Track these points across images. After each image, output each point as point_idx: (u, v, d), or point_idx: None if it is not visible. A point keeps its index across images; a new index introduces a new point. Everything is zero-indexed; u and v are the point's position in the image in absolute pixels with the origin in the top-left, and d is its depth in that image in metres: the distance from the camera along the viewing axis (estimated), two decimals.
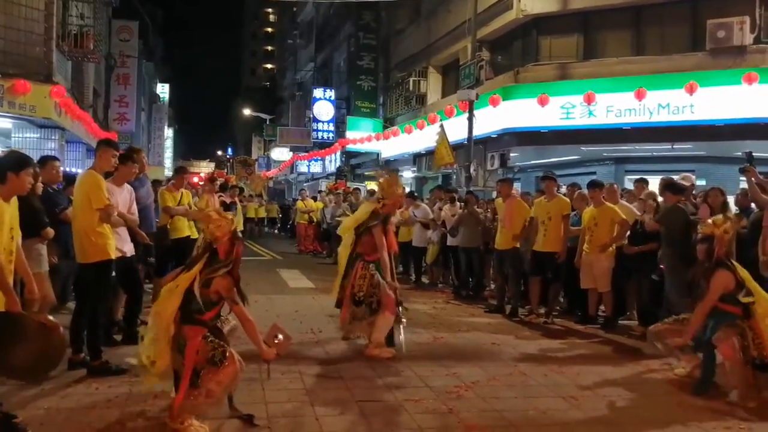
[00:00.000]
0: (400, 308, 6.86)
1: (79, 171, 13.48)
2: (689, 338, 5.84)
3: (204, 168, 74.92)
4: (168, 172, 42.96)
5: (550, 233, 8.89)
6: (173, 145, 60.72)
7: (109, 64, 27.77)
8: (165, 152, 53.24)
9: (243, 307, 4.69)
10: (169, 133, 56.83)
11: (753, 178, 7.26)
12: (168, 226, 8.94)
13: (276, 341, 4.84)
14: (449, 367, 6.27)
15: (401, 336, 6.85)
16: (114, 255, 5.82)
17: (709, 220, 6.02)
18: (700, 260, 5.94)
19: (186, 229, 9.15)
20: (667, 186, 7.92)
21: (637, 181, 9.91)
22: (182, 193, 9.19)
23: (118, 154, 6.17)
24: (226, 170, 56.90)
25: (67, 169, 12.81)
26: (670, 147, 14.97)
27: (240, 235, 4.84)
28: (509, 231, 9.44)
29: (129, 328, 6.85)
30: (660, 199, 8.53)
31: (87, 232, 5.67)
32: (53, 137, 16.76)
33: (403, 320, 6.93)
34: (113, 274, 5.95)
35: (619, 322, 8.75)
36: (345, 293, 6.97)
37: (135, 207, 6.80)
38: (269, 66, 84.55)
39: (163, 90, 50.25)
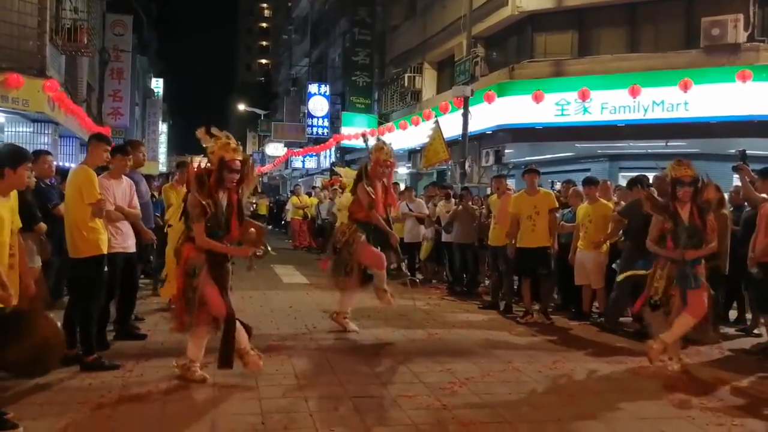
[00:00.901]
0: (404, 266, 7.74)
1: (73, 166, 13.44)
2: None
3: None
4: (162, 167, 42.87)
5: (539, 228, 8.64)
6: (167, 140, 60.47)
7: (103, 58, 27.65)
8: (159, 147, 52.95)
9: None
10: (163, 128, 56.55)
11: (746, 177, 7.35)
12: (170, 223, 8.62)
13: (250, 235, 5.30)
14: (443, 363, 6.27)
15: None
16: (106, 250, 5.79)
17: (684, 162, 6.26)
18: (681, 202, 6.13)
19: None
20: (635, 181, 8.41)
21: (630, 180, 9.90)
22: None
23: (110, 148, 6.13)
24: None
25: (61, 164, 12.77)
26: (664, 144, 15.03)
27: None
28: (503, 227, 9.43)
29: (122, 327, 6.84)
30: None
31: (79, 227, 5.64)
32: (46, 131, 16.71)
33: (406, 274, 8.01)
34: (111, 269, 5.93)
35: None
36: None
37: (136, 201, 6.65)
38: (264, 61, 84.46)
39: (157, 85, 50.07)
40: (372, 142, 8.27)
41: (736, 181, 8.08)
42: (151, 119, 47.94)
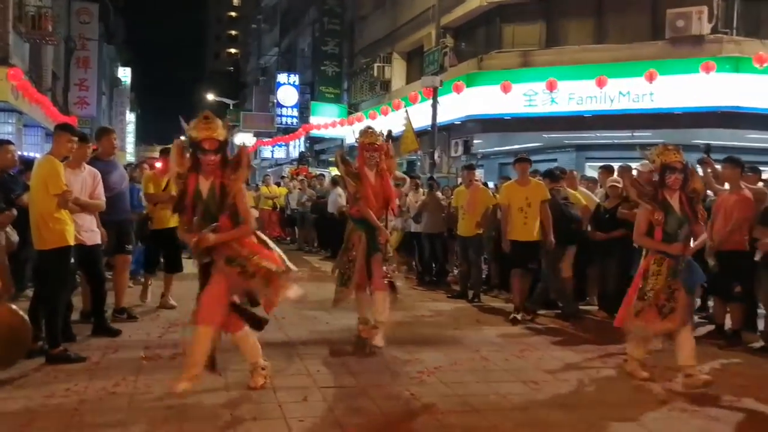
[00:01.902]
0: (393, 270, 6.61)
1: (38, 156, 13.20)
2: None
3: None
4: (129, 158, 42.27)
5: (531, 220, 8.10)
6: (135, 130, 59.66)
7: (68, 46, 27.16)
8: (127, 137, 52.28)
9: None
10: (131, 117, 55.85)
11: (710, 169, 7.60)
12: (150, 216, 8.32)
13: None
14: (412, 353, 6.31)
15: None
16: (73, 241, 5.72)
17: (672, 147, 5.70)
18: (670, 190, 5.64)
19: (172, 219, 7.92)
20: (546, 174, 8.92)
21: (602, 167, 10.04)
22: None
23: (75, 138, 6.02)
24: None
25: (26, 154, 12.55)
26: (630, 134, 15.21)
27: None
28: (472, 218, 9.50)
29: (98, 321, 6.69)
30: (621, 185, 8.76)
31: (45, 219, 5.56)
32: (10, 121, 16.41)
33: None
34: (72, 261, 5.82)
35: (580, 307, 8.88)
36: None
37: (100, 191, 6.38)
38: (233, 51, 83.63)
39: (124, 74, 49.30)
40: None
41: (701, 172, 8.23)
42: (118, 109, 47.30)
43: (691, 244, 5.74)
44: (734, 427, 4.65)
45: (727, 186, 7.46)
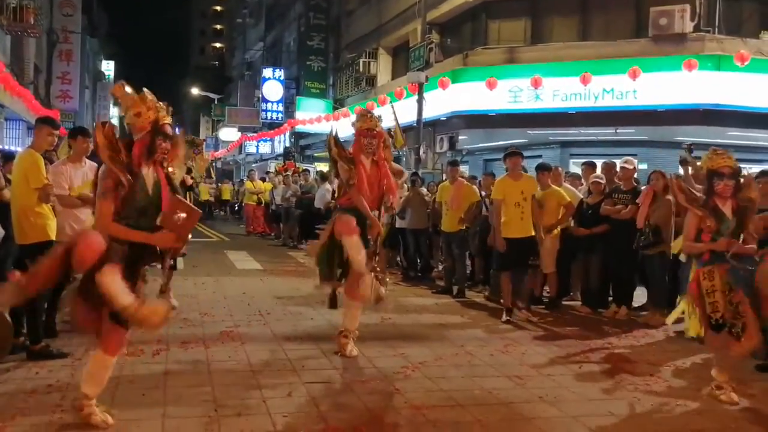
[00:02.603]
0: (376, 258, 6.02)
1: (19, 149, 13.07)
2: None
3: None
4: None
5: (527, 216, 7.88)
6: (119, 124, 59.27)
7: (51, 39, 26.92)
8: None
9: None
10: (114, 111, 55.30)
11: (690, 170, 7.74)
12: None
13: (177, 220, 3.92)
14: (397, 348, 6.32)
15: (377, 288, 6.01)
16: (54, 236, 5.67)
17: (722, 152, 5.18)
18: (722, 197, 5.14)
19: None
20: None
21: (584, 164, 10.10)
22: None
23: (56, 132, 5.97)
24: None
25: (7, 147, 12.42)
26: (614, 131, 15.31)
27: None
28: (456, 213, 9.53)
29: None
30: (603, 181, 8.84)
31: (26, 213, 5.53)
32: None
33: (378, 271, 6.06)
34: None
35: (563, 302, 8.94)
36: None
37: None
38: (218, 45, 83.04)
39: (108, 67, 48.88)
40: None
41: (682, 172, 8.30)
42: (101, 103, 46.83)
43: None
44: (717, 422, 4.70)
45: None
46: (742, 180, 5.22)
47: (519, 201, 7.83)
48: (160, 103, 4.17)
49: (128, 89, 4.11)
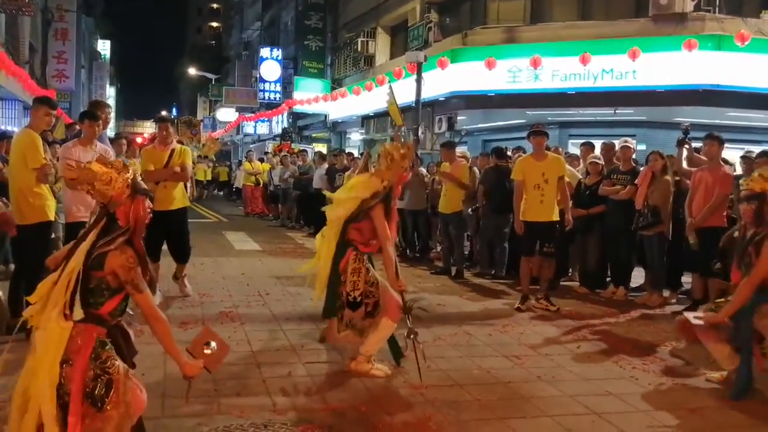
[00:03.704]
0: (410, 317, 5.05)
1: (15, 129, 13.03)
2: (727, 316, 4.81)
3: (148, 128, 73.18)
4: (110, 133, 41.82)
5: (548, 199, 7.40)
6: (115, 105, 58.92)
7: (46, 18, 26.68)
8: None
9: (150, 298, 3.19)
10: (111, 92, 55.13)
11: (686, 152, 7.79)
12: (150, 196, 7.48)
13: (206, 350, 3.41)
14: (395, 328, 6.32)
15: (420, 358, 4.92)
16: (53, 216, 5.67)
17: (756, 174, 4.87)
18: (743, 224, 4.96)
19: (177, 199, 7.22)
20: (493, 151, 10.08)
21: (583, 144, 10.09)
22: (174, 150, 7.15)
23: (54, 112, 5.95)
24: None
25: (3, 127, 12.37)
26: (613, 112, 15.26)
27: (142, 187, 3.29)
28: (454, 193, 9.58)
29: None
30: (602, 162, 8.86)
31: (24, 193, 5.52)
32: None
33: (417, 336, 5.00)
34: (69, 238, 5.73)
35: (561, 282, 8.96)
36: (341, 297, 5.06)
37: None
38: (215, 24, 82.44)
39: (104, 47, 48.66)
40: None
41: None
42: (97, 82, 46.66)
43: None
44: (713, 400, 4.73)
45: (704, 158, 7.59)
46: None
47: (539, 183, 7.37)
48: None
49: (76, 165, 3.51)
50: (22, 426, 2.92)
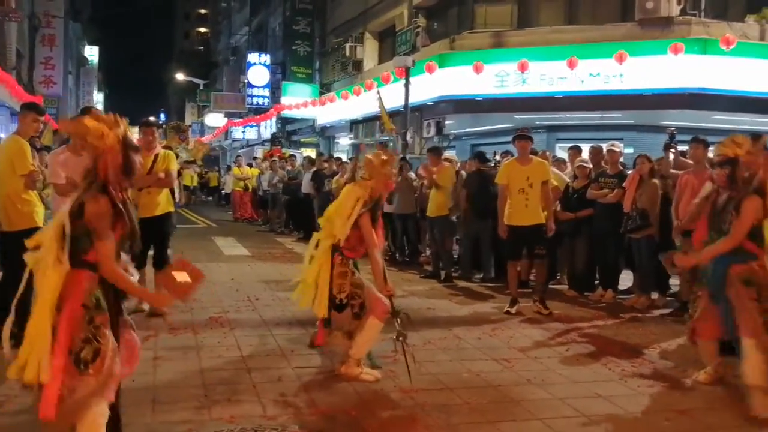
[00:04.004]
0: (399, 320, 5.10)
1: (2, 135, 12.96)
2: (701, 261, 4.95)
3: (136, 134, 72.67)
4: None
5: (533, 203, 7.45)
6: (103, 111, 58.58)
7: (32, 24, 26.56)
8: None
9: (111, 249, 3.24)
10: (99, 97, 55.01)
11: (672, 156, 8.00)
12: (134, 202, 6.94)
13: (179, 280, 3.43)
14: (385, 333, 6.24)
15: (410, 360, 4.96)
16: (42, 223, 5.64)
17: (728, 139, 4.95)
18: (717, 188, 4.99)
19: (161, 204, 7.01)
20: (475, 155, 10.17)
21: (571, 148, 10.15)
22: (158, 155, 6.93)
23: (41, 118, 5.94)
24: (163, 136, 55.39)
25: None
26: (601, 116, 15.35)
27: (133, 143, 3.40)
28: (440, 197, 9.62)
29: None
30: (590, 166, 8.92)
31: (12, 200, 5.50)
32: None
33: (406, 338, 5.07)
34: None
35: (550, 286, 8.99)
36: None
37: None
38: (203, 30, 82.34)
39: (91, 52, 48.42)
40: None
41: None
42: (85, 88, 46.49)
43: None
44: (702, 402, 4.76)
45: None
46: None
47: (524, 187, 7.42)
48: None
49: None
50: (27, 368, 3.05)
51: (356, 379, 4.97)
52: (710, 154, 7.66)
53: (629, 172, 8.45)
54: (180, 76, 52.95)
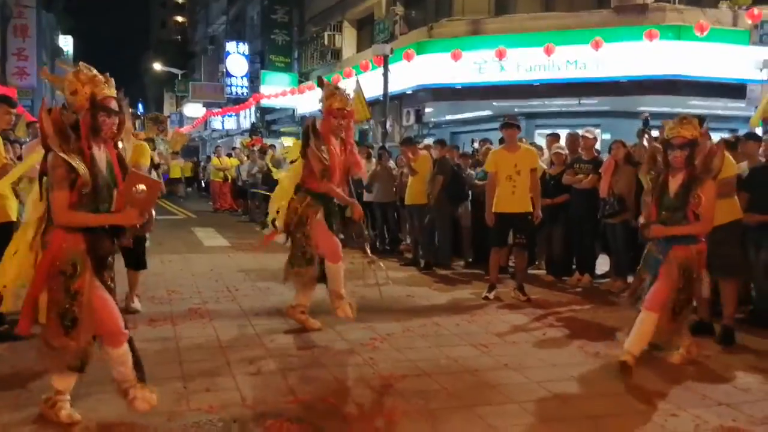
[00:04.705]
0: (368, 246, 6.38)
1: None
2: (669, 234, 4.91)
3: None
4: None
5: (520, 190, 7.47)
6: None
7: (3, 14, 26.21)
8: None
9: (64, 200, 3.58)
10: None
11: (646, 142, 7.96)
12: None
13: (138, 195, 3.67)
14: (365, 320, 6.37)
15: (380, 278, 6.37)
16: (15, 217, 5.60)
17: (685, 121, 4.91)
18: (660, 170, 5.08)
19: None
20: (437, 141, 10.71)
21: (549, 135, 10.22)
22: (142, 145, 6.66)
23: (13, 110, 5.88)
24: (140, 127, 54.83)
25: None
26: (578, 102, 15.46)
27: (100, 103, 3.69)
28: (418, 184, 9.66)
29: None
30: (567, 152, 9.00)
31: None
32: None
33: (375, 261, 6.40)
34: None
35: (528, 271, 9.07)
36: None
37: None
38: (180, 19, 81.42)
39: (66, 43, 47.83)
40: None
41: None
42: None
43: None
44: (675, 382, 4.84)
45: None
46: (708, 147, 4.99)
47: (511, 174, 7.44)
48: (99, 75, 3.79)
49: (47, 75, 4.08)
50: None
51: (300, 322, 5.95)
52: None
53: (604, 157, 8.54)
54: (158, 66, 52.40)
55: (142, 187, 3.68)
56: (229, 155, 21.91)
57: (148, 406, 3.87)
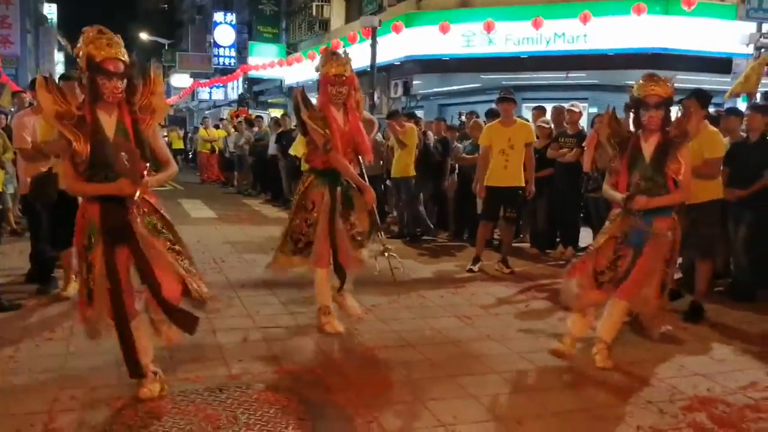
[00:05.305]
0: (381, 233, 5.93)
1: None
2: (653, 205, 4.41)
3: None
4: None
5: (513, 165, 7.48)
6: (65, 71, 57.33)
7: None
8: (55, 78, 50.23)
9: (68, 170, 3.65)
10: (59, 57, 53.63)
11: (632, 115, 7.91)
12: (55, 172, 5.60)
13: (126, 163, 3.66)
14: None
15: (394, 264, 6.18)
16: (1, 188, 5.60)
17: (658, 78, 4.61)
18: (630, 133, 4.73)
19: None
20: (407, 115, 10.74)
21: (534, 108, 10.24)
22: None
23: None
24: None
25: None
26: (565, 76, 15.45)
27: (96, 66, 3.58)
28: (405, 157, 9.68)
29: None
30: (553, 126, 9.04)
31: None
32: None
33: (390, 250, 6.16)
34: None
35: (513, 244, 9.16)
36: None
37: None
38: None
39: (50, 10, 47.07)
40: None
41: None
42: (45, 48, 45.28)
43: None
44: (655, 353, 4.94)
45: None
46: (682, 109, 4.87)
47: (504, 148, 7.45)
48: (106, 35, 3.62)
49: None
50: None
51: (322, 330, 5.22)
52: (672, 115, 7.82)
53: (588, 131, 8.59)
54: (144, 36, 51.74)
55: (124, 155, 3.66)
56: (217, 126, 21.78)
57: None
